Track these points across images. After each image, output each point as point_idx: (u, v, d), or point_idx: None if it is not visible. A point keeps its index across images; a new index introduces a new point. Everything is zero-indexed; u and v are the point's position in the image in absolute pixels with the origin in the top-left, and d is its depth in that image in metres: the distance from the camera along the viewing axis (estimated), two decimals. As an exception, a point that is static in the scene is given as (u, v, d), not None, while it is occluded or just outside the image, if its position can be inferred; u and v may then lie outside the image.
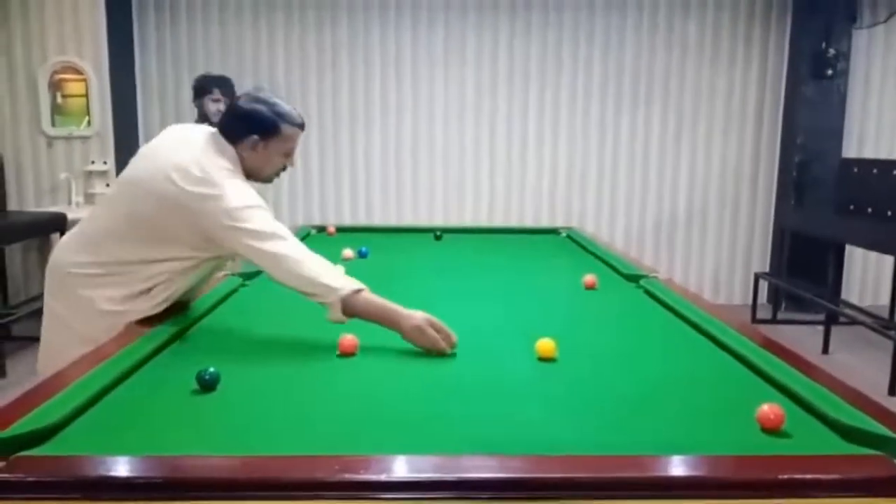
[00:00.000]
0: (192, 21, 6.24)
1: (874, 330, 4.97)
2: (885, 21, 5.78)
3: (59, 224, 4.99)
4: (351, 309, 1.99)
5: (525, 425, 1.44)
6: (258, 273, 2.87)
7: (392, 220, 6.37)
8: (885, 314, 5.55)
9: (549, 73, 6.37)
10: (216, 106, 4.03)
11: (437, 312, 2.40)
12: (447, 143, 6.44)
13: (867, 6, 5.90)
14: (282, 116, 2.17)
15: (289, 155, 2.21)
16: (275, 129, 2.15)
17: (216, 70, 6.19)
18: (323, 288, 1.99)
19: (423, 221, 6.19)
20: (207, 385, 1.58)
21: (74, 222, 2.39)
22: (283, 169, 2.24)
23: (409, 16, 6.28)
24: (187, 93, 6.24)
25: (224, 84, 4.16)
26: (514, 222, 6.40)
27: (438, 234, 4.00)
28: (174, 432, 1.39)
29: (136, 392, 1.59)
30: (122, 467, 1.21)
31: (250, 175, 2.17)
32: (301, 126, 2.23)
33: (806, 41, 6.10)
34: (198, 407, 1.52)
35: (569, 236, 4.10)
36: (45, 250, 5.39)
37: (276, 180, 2.31)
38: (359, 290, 2.01)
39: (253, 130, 2.13)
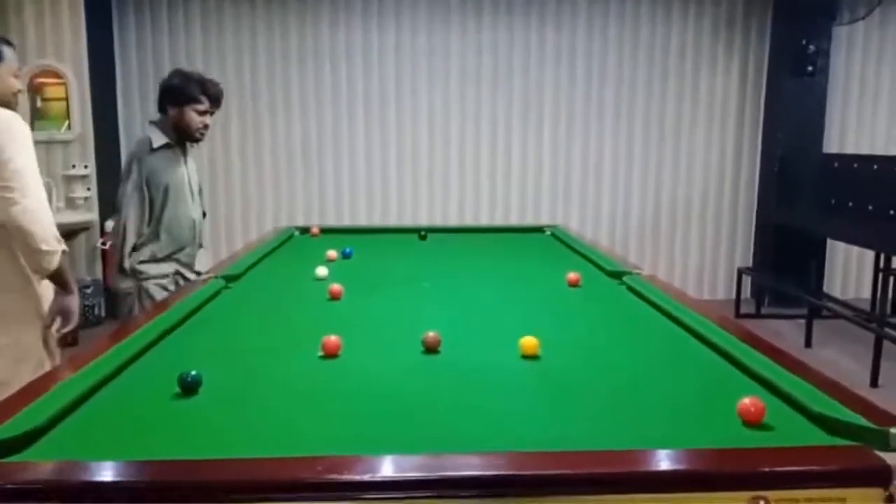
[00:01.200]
0: (173, 21, 6.20)
1: (856, 323, 5.02)
2: (864, 18, 5.84)
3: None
4: (59, 265, 2.29)
5: (509, 423, 1.44)
6: (241, 275, 2.86)
7: (377, 221, 6.37)
8: (867, 307, 5.60)
9: (532, 71, 6.39)
10: (202, 120, 3.01)
11: (421, 311, 2.41)
12: (432, 142, 6.45)
13: (846, 4, 5.96)
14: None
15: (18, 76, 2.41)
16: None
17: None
18: (50, 238, 2.24)
19: (407, 221, 6.19)
20: (189, 388, 1.57)
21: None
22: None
23: (392, 15, 6.28)
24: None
25: (219, 95, 3.07)
26: (498, 221, 6.42)
27: (423, 233, 3.99)
28: (156, 436, 1.38)
29: (118, 396, 1.58)
30: (103, 472, 1.20)
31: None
32: None
33: (786, 38, 6.15)
34: (180, 410, 1.51)
35: (553, 234, 4.11)
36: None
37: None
38: (65, 251, 2.32)
39: None
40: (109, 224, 5.59)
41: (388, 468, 1.18)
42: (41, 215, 2.22)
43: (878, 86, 6.50)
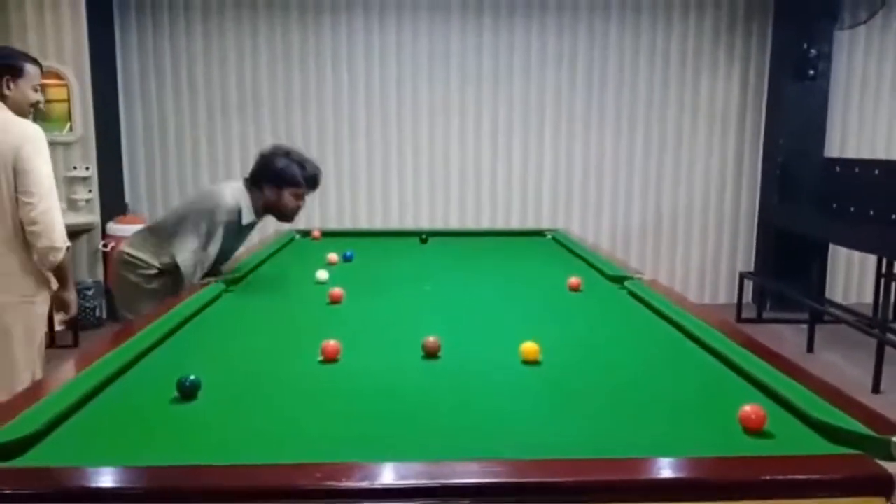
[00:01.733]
0: (174, 23, 6.20)
1: (858, 329, 5.00)
2: (866, 22, 5.82)
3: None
4: (62, 261, 2.61)
5: (509, 429, 1.44)
6: (242, 279, 2.86)
7: (378, 224, 6.36)
8: (869, 313, 5.59)
9: (534, 75, 6.38)
10: (298, 204, 3.03)
11: (422, 315, 2.40)
12: (433, 146, 6.44)
13: (847, 7, 5.94)
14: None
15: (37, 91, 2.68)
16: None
17: (199, 73, 6.19)
18: (60, 237, 2.56)
19: (408, 225, 6.18)
20: (188, 393, 1.56)
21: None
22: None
23: (393, 19, 6.27)
24: (170, 96, 6.24)
25: (317, 179, 3.12)
26: (500, 224, 6.40)
27: (424, 237, 3.99)
28: (155, 441, 1.38)
29: (117, 401, 1.58)
30: (102, 478, 1.20)
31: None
32: None
33: (788, 43, 6.14)
34: (179, 414, 1.51)
35: (554, 238, 4.10)
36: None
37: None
38: (68, 248, 2.63)
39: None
40: (114, 227, 5.59)
41: (387, 475, 1.17)
42: (54, 215, 2.56)
43: (879, 90, 6.48)
